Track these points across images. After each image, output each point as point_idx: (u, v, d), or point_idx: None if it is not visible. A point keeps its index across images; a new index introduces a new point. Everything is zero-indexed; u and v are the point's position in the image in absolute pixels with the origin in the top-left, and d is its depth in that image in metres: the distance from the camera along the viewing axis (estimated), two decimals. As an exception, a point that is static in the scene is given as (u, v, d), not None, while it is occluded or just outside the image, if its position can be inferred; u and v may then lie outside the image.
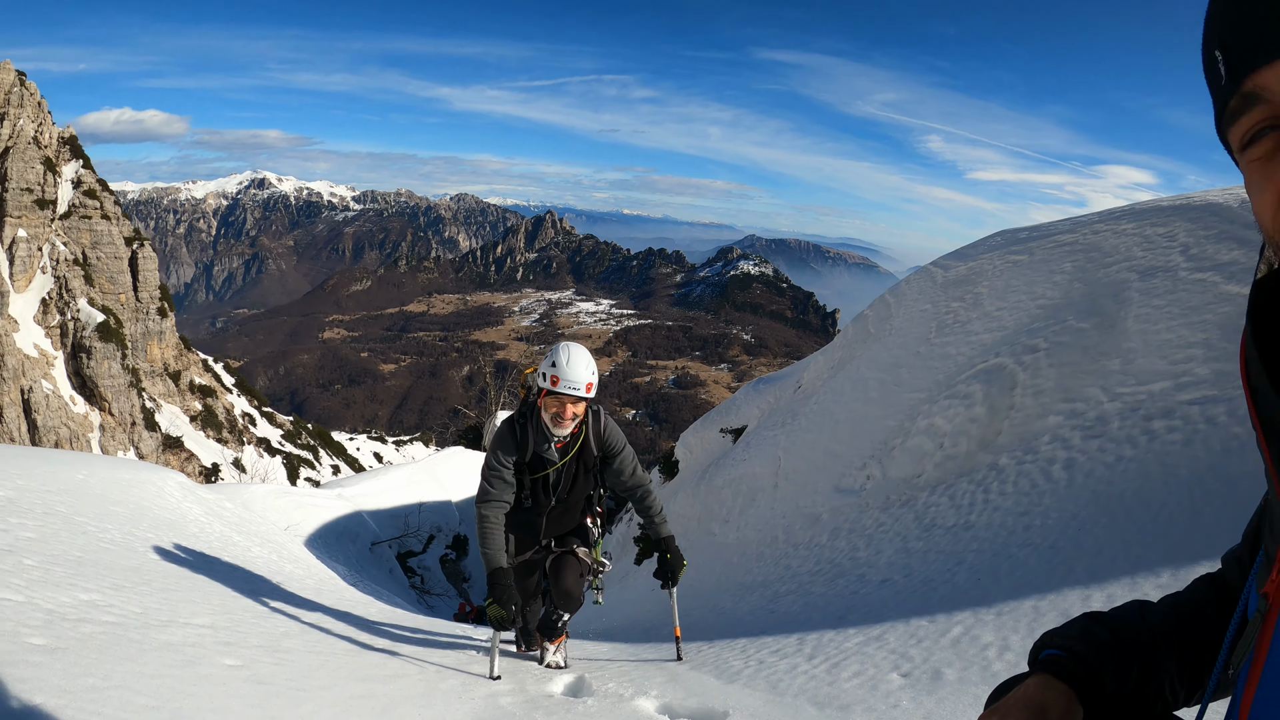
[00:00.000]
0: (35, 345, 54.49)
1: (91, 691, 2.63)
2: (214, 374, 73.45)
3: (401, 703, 3.81)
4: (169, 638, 3.72)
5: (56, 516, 5.90)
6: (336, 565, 13.75)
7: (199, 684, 3.18)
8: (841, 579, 7.80)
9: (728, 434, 18.46)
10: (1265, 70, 0.76)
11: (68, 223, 59.70)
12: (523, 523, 5.26)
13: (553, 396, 4.74)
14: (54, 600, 3.65)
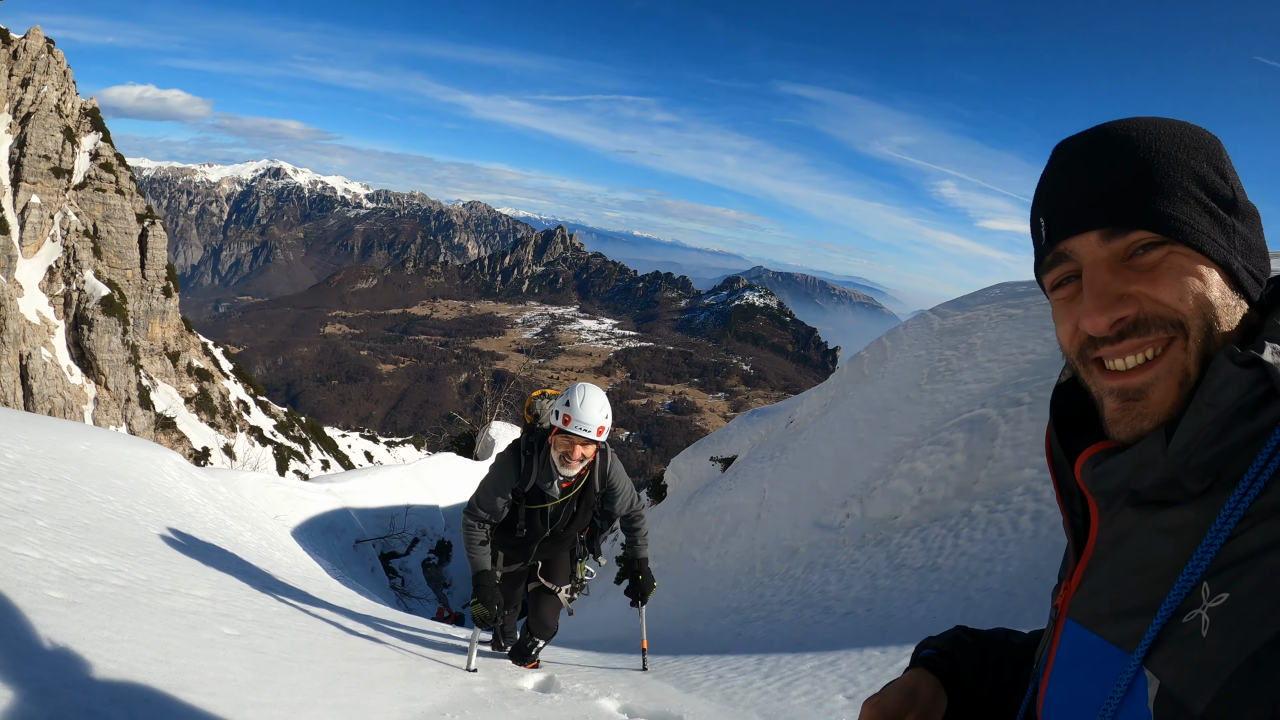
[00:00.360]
0: (38, 312, 54.64)
1: (106, 642, 2.91)
2: (213, 358, 73.59)
3: (383, 681, 4.09)
4: (172, 604, 3.99)
5: (63, 484, 6.14)
6: (321, 559, 13.94)
7: (200, 647, 3.46)
8: (809, 609, 8.08)
9: (718, 462, 18.65)
10: (1072, 239, 1.07)
11: (82, 194, 59.96)
12: (514, 545, 5.23)
13: (563, 435, 4.65)
14: (67, 561, 3.92)
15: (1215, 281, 1.00)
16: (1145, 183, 1.01)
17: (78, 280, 56.58)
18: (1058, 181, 1.10)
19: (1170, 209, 1.00)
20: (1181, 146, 1.03)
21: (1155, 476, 0.99)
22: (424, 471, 30.34)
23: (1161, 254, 1.01)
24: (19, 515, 4.48)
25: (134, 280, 62.34)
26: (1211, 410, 0.94)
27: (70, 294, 56.29)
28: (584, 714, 4.14)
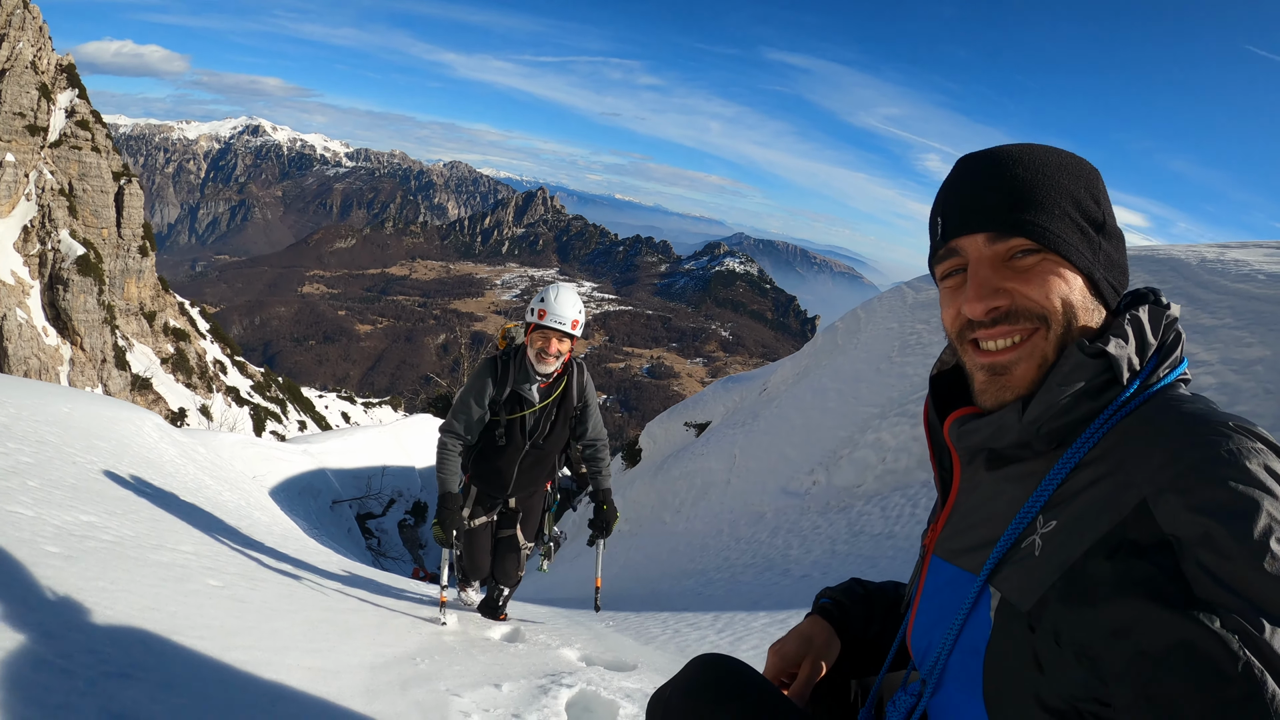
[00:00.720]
0: (12, 272, 54.22)
1: (102, 592, 3.14)
2: (189, 318, 73.26)
3: (359, 629, 4.35)
4: (160, 558, 4.22)
5: (48, 445, 6.32)
6: (298, 519, 14.14)
7: (189, 596, 3.69)
8: (769, 572, 8.39)
9: (692, 427, 18.88)
10: (962, 238, 1.29)
11: (57, 151, 59.34)
12: (493, 470, 5.14)
13: (539, 331, 4.66)
14: (59, 519, 4.14)
15: (1078, 287, 1.23)
16: (1029, 199, 1.24)
17: (53, 240, 56.15)
18: (957, 188, 1.32)
19: (1047, 223, 1.22)
20: (1065, 173, 1.26)
21: (1010, 439, 1.23)
22: (401, 433, 30.52)
23: (1036, 259, 1.23)
24: (11, 476, 4.67)
25: (110, 239, 61.90)
26: (1061, 390, 1.18)
27: (45, 254, 55.88)
28: (545, 661, 4.41)
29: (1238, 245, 11.43)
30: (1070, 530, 1.10)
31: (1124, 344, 1.18)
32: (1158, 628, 0.95)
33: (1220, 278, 9.03)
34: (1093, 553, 1.05)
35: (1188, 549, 0.97)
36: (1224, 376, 6.90)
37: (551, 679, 3.90)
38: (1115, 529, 1.04)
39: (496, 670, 3.99)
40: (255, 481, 14.39)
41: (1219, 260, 9.76)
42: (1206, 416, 1.08)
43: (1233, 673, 0.89)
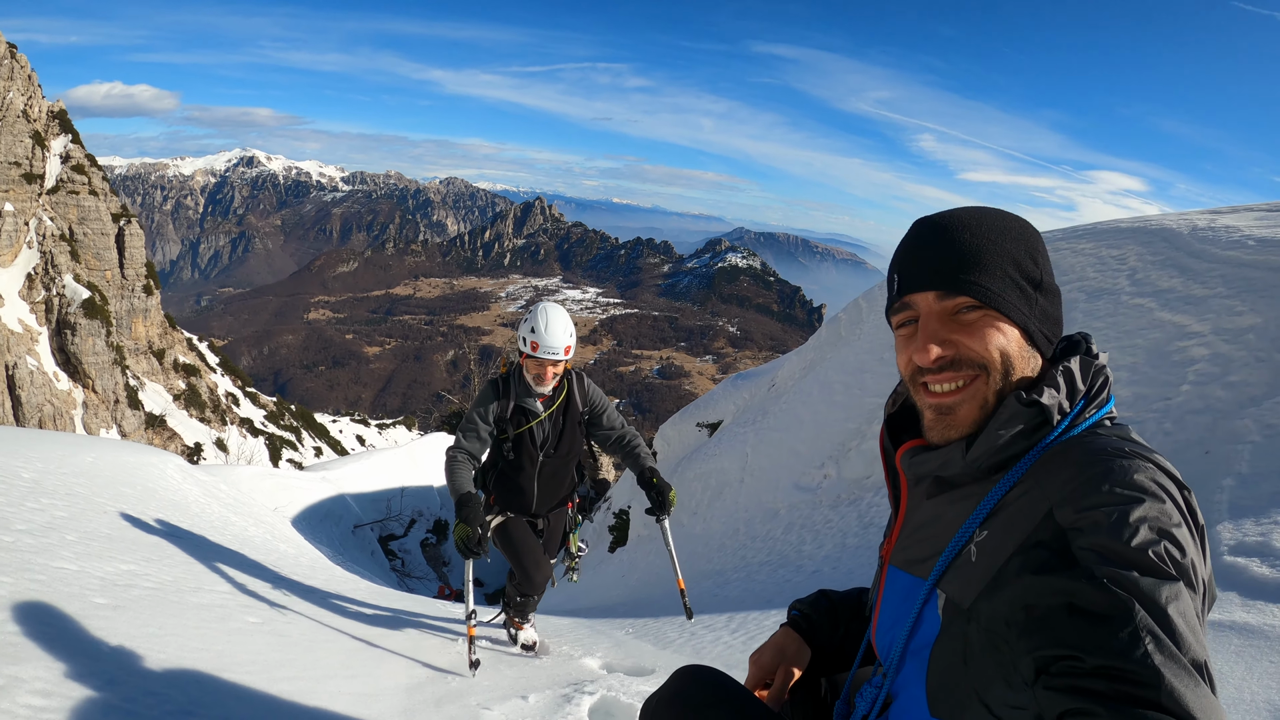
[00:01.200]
0: (20, 321, 54.34)
1: (152, 638, 3.38)
2: (198, 353, 73.45)
3: (393, 653, 4.58)
4: (200, 600, 4.47)
5: (79, 497, 6.53)
6: (322, 546, 14.34)
7: (232, 635, 3.93)
8: (783, 569, 8.57)
9: (704, 428, 18.93)
10: (915, 294, 1.49)
11: (55, 198, 59.42)
12: (514, 489, 5.13)
13: (532, 360, 4.78)
14: (102, 570, 4.37)
15: (1014, 339, 1.42)
16: (974, 261, 1.43)
17: (57, 285, 56.29)
18: (912, 249, 1.52)
19: (989, 284, 1.41)
20: (1008, 237, 1.45)
21: (954, 470, 1.45)
22: (416, 452, 30.63)
23: (978, 315, 1.42)
24: (49, 532, 4.91)
25: (114, 281, 62.04)
26: (1000, 434, 1.38)
27: (51, 299, 56.00)
28: (569, 671, 4.64)
29: (1229, 210, 11.48)
30: (999, 539, 1.30)
31: (1055, 393, 1.36)
32: (1049, 592, 1.16)
33: (1211, 246, 9.05)
34: (1013, 555, 1.26)
35: (1075, 536, 1.18)
36: (1216, 347, 6.92)
37: (574, 688, 4.12)
38: (1030, 534, 1.24)
39: (523, 683, 4.22)
40: (277, 513, 14.56)
41: (1210, 228, 9.80)
42: (1109, 445, 1.29)
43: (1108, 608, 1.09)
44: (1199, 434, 5.84)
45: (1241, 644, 3.47)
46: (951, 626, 1.35)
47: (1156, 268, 9.24)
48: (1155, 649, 1.05)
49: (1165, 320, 7.86)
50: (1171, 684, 1.03)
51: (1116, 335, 8.12)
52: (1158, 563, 1.12)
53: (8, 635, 2.91)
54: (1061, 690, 1.09)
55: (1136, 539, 1.14)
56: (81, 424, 53.68)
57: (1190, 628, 1.09)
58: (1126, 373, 7.35)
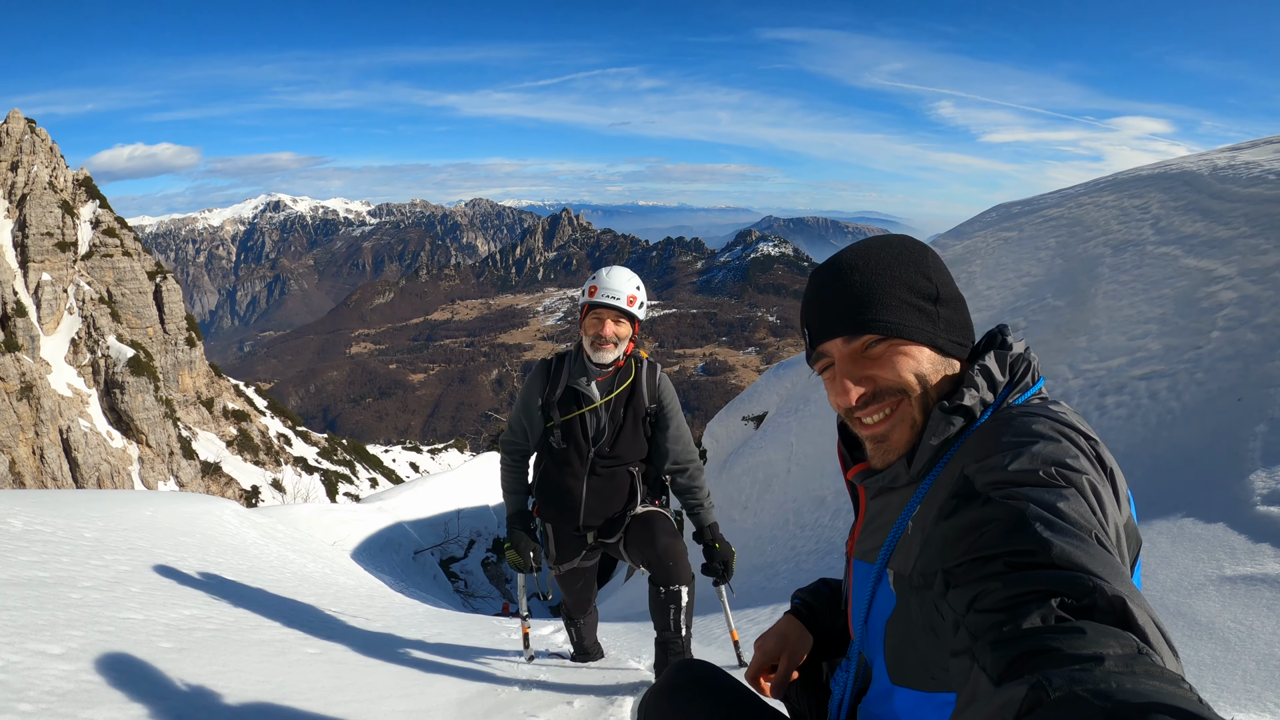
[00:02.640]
0: (69, 385, 55.48)
1: (217, 676, 3.56)
2: (246, 398, 74.48)
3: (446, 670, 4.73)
4: (260, 637, 4.65)
5: (140, 550, 6.77)
6: (383, 575, 14.57)
7: (292, 666, 4.11)
8: (831, 555, 8.62)
9: (750, 421, 18.91)
10: (825, 343, 1.58)
11: (90, 262, 60.69)
12: (560, 491, 4.33)
13: (592, 314, 4.11)
14: (166, 616, 4.57)
15: (925, 357, 1.52)
16: (869, 299, 1.52)
17: (102, 347, 57.39)
18: (812, 301, 1.62)
19: (887, 316, 1.50)
20: (897, 265, 1.55)
21: (902, 483, 1.55)
22: (469, 474, 30.86)
23: (884, 347, 1.51)
24: (114, 586, 5.12)
25: (156, 336, 63.22)
26: (934, 445, 1.48)
27: (97, 361, 57.13)
28: (614, 674, 4.72)
29: (1249, 145, 11.26)
30: (928, 508, 1.42)
31: (975, 392, 1.46)
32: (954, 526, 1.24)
33: (1233, 184, 8.90)
34: (936, 517, 1.36)
35: (977, 478, 1.28)
36: (1244, 289, 6.80)
37: (618, 690, 4.25)
38: (949, 496, 1.34)
39: (570, 688, 4.34)
40: (336, 547, 14.80)
41: (1230, 166, 9.63)
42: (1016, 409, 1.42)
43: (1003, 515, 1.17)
44: (1231, 381, 5.80)
45: (1274, 596, 3.46)
46: (902, 598, 1.45)
47: (1179, 213, 9.11)
48: (1044, 526, 1.11)
49: (1191, 267, 7.75)
50: (1061, 546, 1.07)
51: (1144, 287, 8.03)
52: (1046, 478, 1.20)
53: (81, 683, 3.09)
54: (962, 587, 1.14)
55: (1028, 466, 1.23)
56: (139, 479, 54.68)
57: (1083, 517, 1.14)
58: (1156, 324, 7.27)
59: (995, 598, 1.06)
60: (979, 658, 1.02)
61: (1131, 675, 0.85)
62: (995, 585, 1.07)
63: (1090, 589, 1.00)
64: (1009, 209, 14.33)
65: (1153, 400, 6.29)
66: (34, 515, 6.61)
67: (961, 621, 1.11)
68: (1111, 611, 0.98)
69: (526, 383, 4.36)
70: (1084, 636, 0.93)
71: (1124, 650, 0.90)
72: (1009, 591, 1.05)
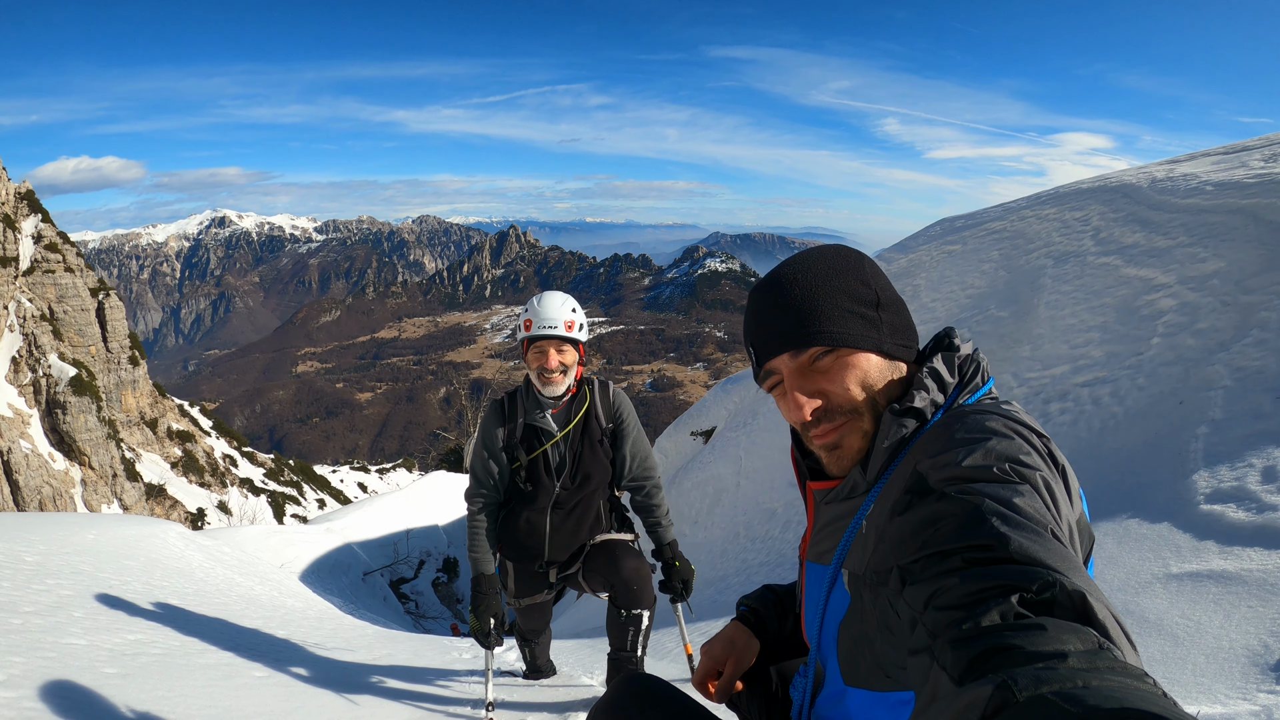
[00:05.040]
0: (9, 405, 54.23)
1: (162, 701, 3.50)
2: (191, 418, 73.26)
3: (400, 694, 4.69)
4: (207, 661, 4.59)
5: (84, 575, 6.64)
6: (332, 597, 14.40)
7: (239, 690, 4.06)
8: (782, 566, 8.66)
9: (699, 436, 18.93)
10: (771, 360, 1.59)
11: (31, 278, 59.40)
12: (525, 526, 4.22)
13: (533, 347, 3.97)
14: (110, 641, 4.49)
15: (873, 363, 1.53)
16: (810, 312, 1.53)
17: (43, 366, 56.23)
18: (754, 320, 1.63)
19: (829, 326, 1.50)
20: (835, 275, 1.56)
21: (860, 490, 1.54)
22: (418, 494, 30.64)
23: (832, 358, 1.52)
24: (57, 611, 5.03)
25: (99, 355, 61.99)
26: (887, 449, 1.49)
27: (39, 380, 55.92)
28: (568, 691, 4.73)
29: (1186, 158, 11.53)
30: (881, 507, 1.42)
31: (925, 394, 1.48)
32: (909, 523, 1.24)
33: (1171, 196, 9.16)
34: (889, 514, 1.36)
35: (931, 474, 1.29)
36: (1183, 297, 7.00)
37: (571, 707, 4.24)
38: (902, 492, 1.34)
39: (523, 706, 4.32)
40: (284, 569, 14.61)
41: (1169, 178, 9.87)
42: (969, 407, 1.44)
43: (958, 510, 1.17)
44: (1172, 385, 5.97)
45: (1220, 591, 3.55)
46: (856, 598, 1.45)
47: (1119, 224, 9.36)
48: (1000, 521, 1.11)
49: (1131, 276, 7.98)
50: (1019, 540, 1.07)
51: (1085, 296, 8.26)
52: (1001, 474, 1.21)
53: (23, 710, 3.03)
54: (922, 582, 1.14)
55: (982, 462, 1.24)
56: (82, 502, 53.56)
57: (1039, 512, 1.15)
58: (1098, 332, 7.48)
59: (954, 595, 1.06)
60: (939, 656, 1.02)
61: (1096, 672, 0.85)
62: (953, 581, 1.08)
63: (1050, 583, 1.00)
64: (952, 223, 14.52)
65: (1096, 406, 6.49)
66: (-28, 540, 6.46)
67: (919, 619, 1.11)
68: (1072, 606, 0.98)
69: (481, 429, 4.21)
70: (1045, 633, 0.92)
71: (1086, 646, 0.90)
72: (967, 588, 1.05)
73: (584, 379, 4.24)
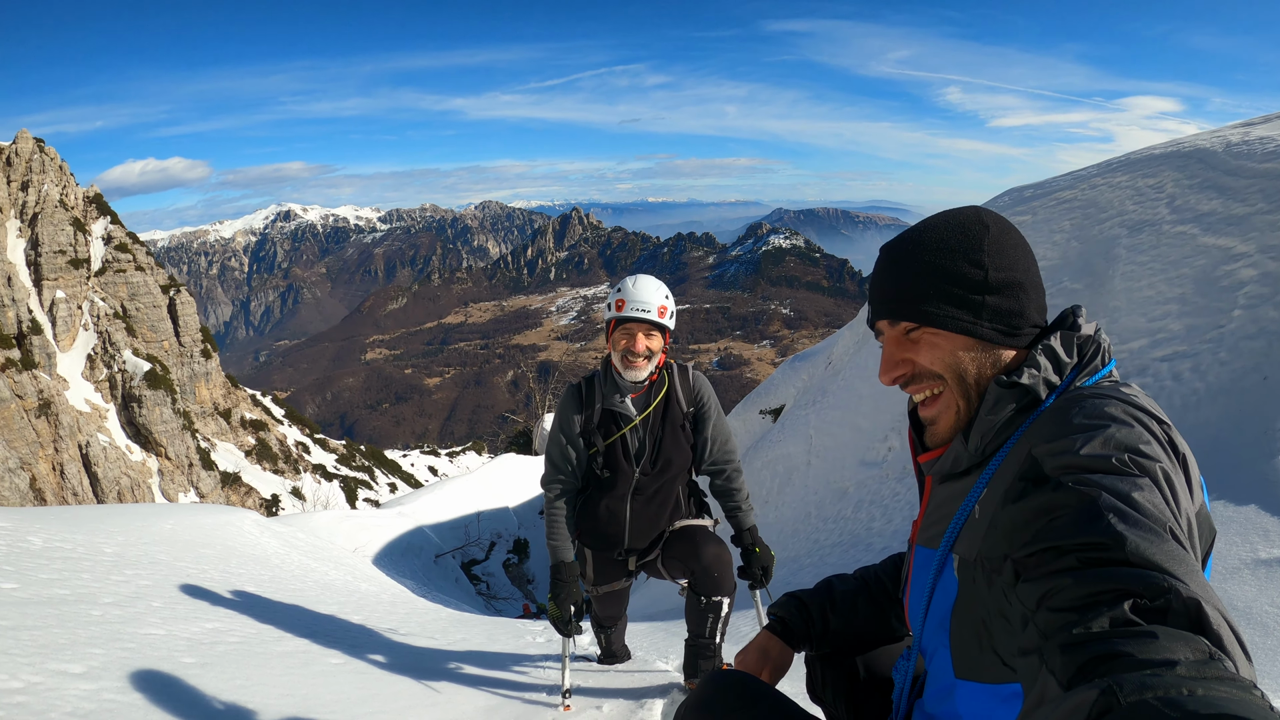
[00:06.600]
0: (87, 400, 55.67)
1: (240, 690, 3.52)
2: (263, 407, 74.63)
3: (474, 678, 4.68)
4: (284, 648, 4.62)
5: (161, 564, 6.75)
6: (405, 580, 14.55)
7: (315, 678, 4.07)
8: (855, 548, 8.55)
9: (767, 414, 18.83)
10: (877, 322, 1.62)
11: (103, 278, 60.83)
12: (604, 514, 4.16)
13: (621, 329, 3.92)
14: (188, 631, 4.54)
15: (960, 345, 1.51)
16: (908, 289, 1.54)
17: (118, 362, 57.59)
18: (873, 280, 1.65)
19: (922, 305, 1.52)
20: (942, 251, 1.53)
21: (963, 465, 1.53)
22: (488, 476, 30.90)
23: (921, 334, 1.55)
24: (135, 601, 5.09)
25: (172, 350, 63.37)
26: (991, 419, 1.46)
27: (114, 376, 57.31)
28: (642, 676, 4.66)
29: (1262, 120, 11.15)
30: (994, 491, 1.38)
31: (1036, 372, 1.43)
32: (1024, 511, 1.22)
33: (1248, 160, 8.79)
34: (1002, 499, 1.32)
35: (1047, 461, 1.24)
36: (1264, 266, 6.74)
37: (647, 693, 4.19)
38: (1015, 478, 1.30)
39: (599, 692, 4.28)
40: (357, 553, 14.82)
41: (1244, 142, 9.53)
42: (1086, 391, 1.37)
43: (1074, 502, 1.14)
44: (1255, 360, 5.75)
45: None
46: (965, 585, 1.41)
47: (1194, 191, 9.02)
48: (1118, 518, 1.08)
49: (1209, 245, 7.67)
50: (1136, 541, 1.05)
51: (1162, 267, 7.94)
52: (1120, 466, 1.17)
53: (103, 703, 3.05)
54: (1034, 580, 1.12)
55: (1101, 451, 1.19)
56: (159, 491, 54.90)
57: (1157, 508, 1.11)
58: (1176, 304, 7.20)
59: (1067, 596, 1.05)
60: (1048, 660, 1.02)
61: (1203, 681, 0.85)
62: (1067, 582, 1.07)
63: (1164, 590, 0.99)
64: (1021, 193, 14.23)
65: (1176, 381, 6.26)
66: (54, 532, 6.58)
67: (1031, 618, 1.11)
68: (1185, 614, 0.97)
69: (558, 414, 4.13)
70: (1156, 641, 0.92)
71: (1196, 656, 0.90)
72: (1081, 590, 1.04)
73: (664, 365, 4.17)
